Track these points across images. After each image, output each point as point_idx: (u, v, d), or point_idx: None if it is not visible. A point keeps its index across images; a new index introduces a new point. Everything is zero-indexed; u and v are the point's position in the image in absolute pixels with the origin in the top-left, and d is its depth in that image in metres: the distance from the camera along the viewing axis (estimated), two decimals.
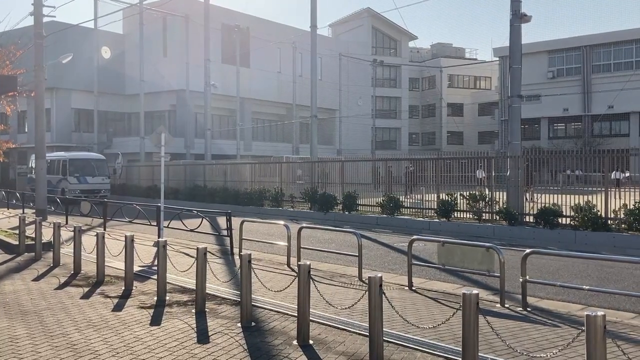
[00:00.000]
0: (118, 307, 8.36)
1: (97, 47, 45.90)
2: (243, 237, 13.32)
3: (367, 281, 6.12)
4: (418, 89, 73.44)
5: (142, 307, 8.35)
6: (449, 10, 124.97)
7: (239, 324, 7.34)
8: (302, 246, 12.02)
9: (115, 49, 47.67)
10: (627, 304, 8.63)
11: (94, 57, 45.51)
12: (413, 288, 9.55)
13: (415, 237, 10.49)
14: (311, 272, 6.74)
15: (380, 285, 5.90)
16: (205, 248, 8.39)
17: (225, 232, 14.14)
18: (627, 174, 17.91)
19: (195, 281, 8.25)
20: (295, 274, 7.09)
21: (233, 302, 8.50)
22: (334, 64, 55.68)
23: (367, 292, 5.97)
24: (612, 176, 17.47)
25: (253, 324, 7.35)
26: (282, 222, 13.02)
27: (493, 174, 20.15)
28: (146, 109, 44.02)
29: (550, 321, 7.54)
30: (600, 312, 4.31)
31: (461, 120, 69.46)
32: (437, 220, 19.83)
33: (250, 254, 7.63)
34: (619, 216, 15.99)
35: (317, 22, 28.37)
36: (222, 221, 15.85)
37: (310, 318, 6.85)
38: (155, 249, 10.17)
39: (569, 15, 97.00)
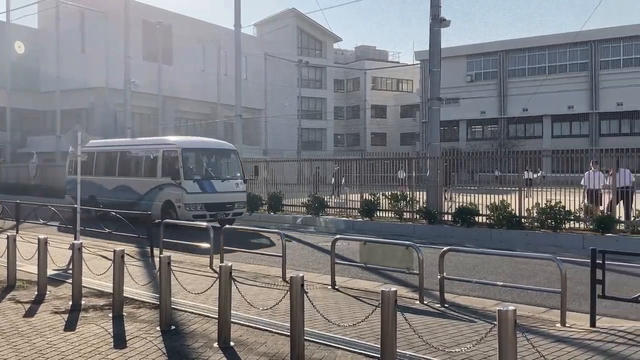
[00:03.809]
0: (30, 313, 7.99)
1: (10, 42, 43.78)
2: (164, 239, 13.04)
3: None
4: (343, 91, 74.30)
5: (55, 312, 8.02)
6: (372, 14, 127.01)
7: (158, 328, 7.17)
8: (225, 247, 11.89)
9: (30, 44, 45.64)
10: (539, 298, 9.01)
11: (6, 52, 43.40)
12: (336, 287, 9.62)
13: (338, 236, 10.59)
14: (234, 274, 6.69)
15: (302, 285, 5.91)
16: (123, 250, 8.16)
17: (145, 234, 13.79)
18: (540, 174, 18.75)
19: (112, 284, 8.00)
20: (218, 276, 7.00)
21: (152, 306, 8.30)
22: (259, 63, 55.43)
23: (289, 292, 5.97)
24: (525, 176, 18.22)
25: (173, 327, 7.20)
26: (204, 224, 12.83)
27: (414, 175, 20.64)
28: (63, 106, 42.40)
29: (466, 317, 7.77)
30: (511, 307, 4.49)
31: (384, 122, 70.78)
32: (360, 219, 20.09)
33: (169, 256, 7.47)
34: (532, 214, 16.69)
35: (242, 21, 28.17)
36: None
37: (232, 320, 6.79)
38: (71, 251, 9.80)
39: (487, 21, 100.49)
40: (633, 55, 50.21)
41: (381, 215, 20.20)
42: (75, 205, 14.55)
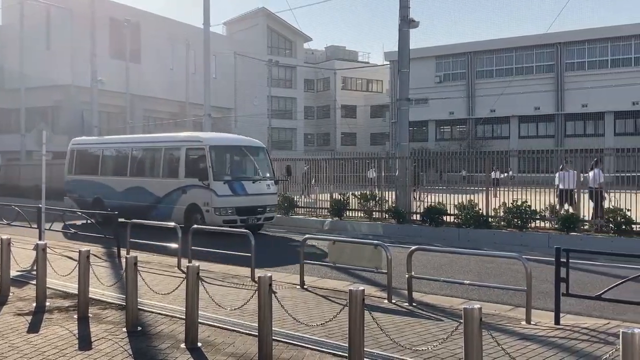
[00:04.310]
0: None
1: None
2: (131, 239, 12.88)
3: None
4: (313, 90, 74.38)
5: (19, 314, 7.87)
6: (342, 14, 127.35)
7: (124, 329, 7.09)
8: (193, 247, 11.79)
9: None
10: (505, 297, 9.13)
11: None
12: (305, 286, 9.63)
13: (307, 235, 10.59)
14: (203, 274, 6.65)
15: (270, 285, 5.89)
16: (89, 251, 8.03)
17: (112, 234, 13.60)
18: (509, 173, 19.01)
19: (77, 285, 7.87)
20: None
21: (118, 307, 8.19)
22: (229, 62, 55.12)
23: (257, 292, 5.94)
24: (492, 176, 18.46)
25: (139, 328, 7.12)
26: (172, 224, 12.69)
27: (383, 174, 20.75)
28: (28, 104, 41.56)
29: (434, 315, 7.84)
30: (476, 305, 4.54)
31: (354, 122, 71.01)
32: (330, 219, 20.11)
33: (136, 256, 7.38)
34: (498, 214, 16.92)
35: (212, 19, 28.07)
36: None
37: (200, 320, 6.74)
38: (36, 252, 9.61)
39: (456, 23, 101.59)
40: (597, 58, 51.24)
41: (351, 215, 20.26)
42: (41, 205, 14.28)
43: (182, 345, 6.44)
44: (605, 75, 49.01)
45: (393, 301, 8.57)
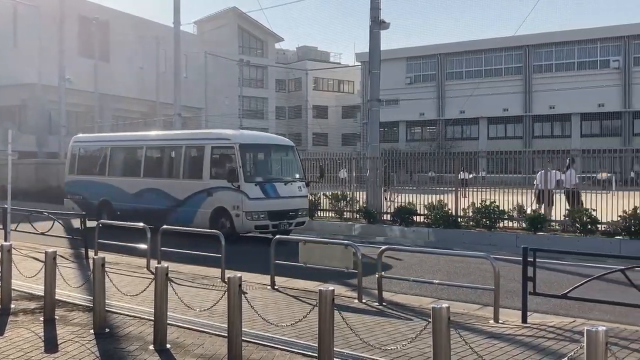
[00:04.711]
0: None
1: None
2: (100, 240, 12.71)
3: None
4: (285, 91, 74.32)
5: None
6: (314, 15, 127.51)
7: (92, 331, 6.99)
8: (162, 248, 11.69)
9: None
10: (474, 296, 9.24)
11: None
12: (276, 287, 9.61)
13: (278, 236, 10.57)
14: (172, 275, 6.61)
15: (240, 286, 5.87)
16: (55, 252, 7.91)
17: (80, 235, 13.40)
18: (481, 174, 19.25)
19: (44, 287, 7.74)
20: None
21: (86, 308, 8.08)
22: (200, 61, 54.74)
23: (226, 292, 5.92)
24: (461, 176, 18.66)
25: (107, 330, 7.03)
26: (141, 224, 12.55)
27: (354, 175, 20.82)
28: None
29: (404, 315, 7.89)
30: (444, 305, 4.58)
31: (326, 123, 71.16)
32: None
33: (104, 257, 7.29)
34: (467, 214, 17.11)
35: (183, 18, 27.86)
36: (78, 223, 15.00)
37: (169, 321, 6.68)
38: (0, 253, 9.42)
39: (427, 24, 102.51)
40: (564, 60, 52.17)
41: (322, 215, 20.28)
42: (6, 206, 14.02)
43: (151, 347, 6.38)
44: (572, 77, 49.95)
45: (363, 301, 8.60)
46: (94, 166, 20.25)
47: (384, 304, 8.44)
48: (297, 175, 17.18)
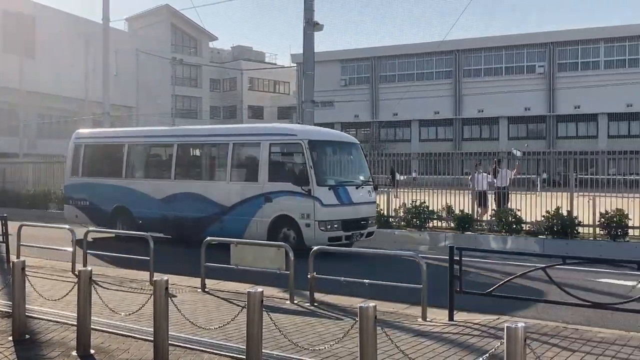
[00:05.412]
0: None
1: None
2: (22, 243, 12.19)
3: None
4: (219, 90, 73.56)
5: None
6: (249, 15, 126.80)
7: (11, 338, 6.70)
8: (89, 251, 11.34)
9: None
10: (405, 295, 9.36)
11: None
12: (206, 289, 9.48)
13: (209, 238, 10.41)
14: (99, 278, 6.42)
15: (167, 288, 5.76)
16: None
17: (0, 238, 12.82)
18: (413, 175, 19.63)
19: None
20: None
21: (4, 314, 7.72)
22: (131, 59, 53.47)
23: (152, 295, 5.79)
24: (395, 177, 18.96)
25: (27, 336, 6.75)
26: (67, 226, 12.15)
27: None
28: None
29: (334, 315, 7.94)
30: (371, 304, 4.63)
31: (261, 123, 70.87)
32: None
33: (24, 261, 7.01)
34: (399, 214, 17.39)
35: (113, 15, 27.15)
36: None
37: (93, 326, 6.49)
38: None
39: (361, 27, 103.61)
40: (493, 65, 53.86)
41: None
42: None
43: (74, 353, 6.17)
44: (500, 82, 51.63)
45: (295, 302, 8.60)
46: (105, 166, 17.47)
47: (315, 304, 8.46)
48: (364, 178, 14.96)
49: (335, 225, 13.39)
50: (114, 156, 17.20)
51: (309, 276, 8.59)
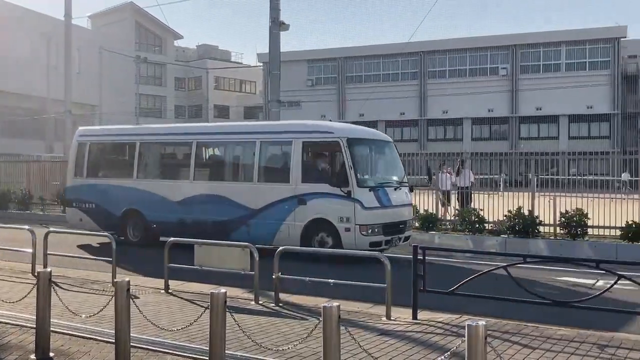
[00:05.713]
0: None
1: None
2: None
3: None
4: (184, 89, 72.88)
5: None
6: (214, 13, 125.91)
7: None
8: (50, 252, 11.11)
9: None
10: (369, 294, 9.41)
11: None
12: (170, 291, 9.38)
13: (172, 239, 10.31)
14: (59, 279, 6.30)
15: (128, 290, 5.68)
16: None
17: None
18: None
19: None
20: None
21: None
22: (93, 57, 52.61)
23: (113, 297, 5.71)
24: None
25: None
26: (27, 227, 11.88)
27: None
28: None
29: (299, 315, 7.94)
30: (335, 303, 4.64)
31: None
32: None
33: None
34: None
35: (75, 11, 26.69)
36: None
37: (53, 329, 6.36)
38: None
39: (329, 28, 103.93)
40: (457, 67, 54.51)
41: None
42: None
43: (32, 357, 6.04)
44: (464, 83, 52.30)
45: (260, 302, 8.57)
46: (114, 166, 16.66)
47: (280, 304, 8.44)
48: (400, 178, 14.13)
49: (377, 230, 12.69)
50: (125, 155, 16.22)
51: (273, 276, 8.58)
